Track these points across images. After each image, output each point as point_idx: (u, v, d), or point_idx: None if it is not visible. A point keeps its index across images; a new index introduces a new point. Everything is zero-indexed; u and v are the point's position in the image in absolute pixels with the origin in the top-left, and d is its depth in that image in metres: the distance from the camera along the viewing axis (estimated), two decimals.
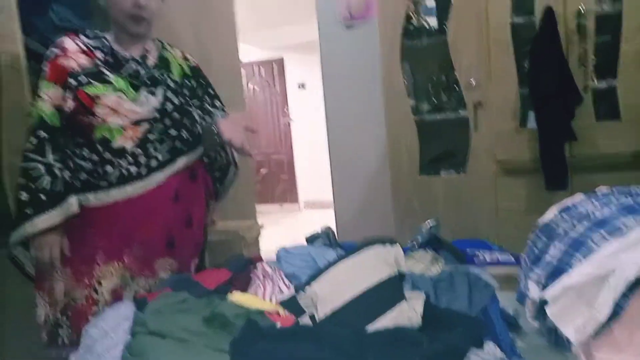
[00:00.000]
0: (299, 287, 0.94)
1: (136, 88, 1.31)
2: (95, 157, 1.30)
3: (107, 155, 1.29)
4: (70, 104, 1.27)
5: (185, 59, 1.49)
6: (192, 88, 1.45)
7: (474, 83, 2.35)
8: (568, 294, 0.87)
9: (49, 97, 1.27)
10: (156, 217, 1.36)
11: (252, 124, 1.39)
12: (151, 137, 1.33)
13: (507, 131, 2.31)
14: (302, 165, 6.27)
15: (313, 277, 0.96)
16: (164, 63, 1.41)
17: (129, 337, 0.98)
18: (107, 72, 1.29)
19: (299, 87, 6.22)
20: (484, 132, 2.37)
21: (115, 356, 0.96)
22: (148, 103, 1.31)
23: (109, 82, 1.28)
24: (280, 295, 1.03)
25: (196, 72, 1.50)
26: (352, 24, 3.09)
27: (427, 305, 0.94)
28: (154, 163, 1.34)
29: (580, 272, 0.88)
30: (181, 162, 1.39)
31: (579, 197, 1.10)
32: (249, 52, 5.67)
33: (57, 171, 1.27)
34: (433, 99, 2.67)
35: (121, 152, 1.30)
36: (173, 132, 1.36)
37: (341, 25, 3.10)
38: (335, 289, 0.93)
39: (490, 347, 0.85)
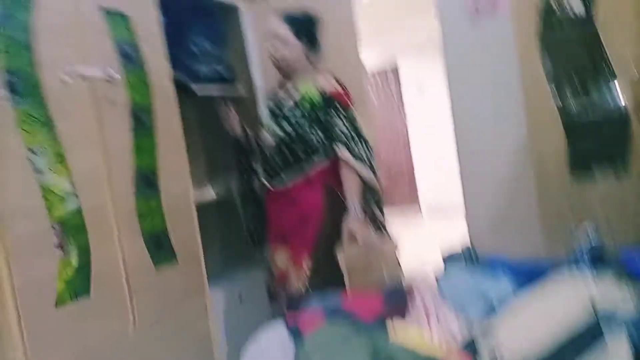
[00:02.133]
0: (474, 327, 0.83)
1: (271, 121, 1.87)
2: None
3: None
4: None
5: (322, 90, 1.81)
6: (315, 114, 1.80)
7: (635, 73, 2.02)
8: None
9: None
10: (276, 213, 1.90)
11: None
12: (273, 155, 1.85)
13: None
14: (423, 170, 6.10)
15: (490, 315, 0.84)
16: (297, 98, 1.84)
17: None
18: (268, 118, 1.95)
19: (417, 90, 6.05)
20: None
21: None
22: (272, 132, 1.84)
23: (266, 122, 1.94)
24: (451, 335, 0.93)
25: (328, 101, 1.81)
26: (478, 19, 2.87)
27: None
28: (273, 174, 1.88)
29: None
30: (294, 174, 1.83)
31: None
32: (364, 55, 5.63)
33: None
34: (581, 92, 2.36)
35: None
36: (286, 152, 1.82)
37: (466, 21, 2.90)
38: (522, 334, 0.80)
39: None
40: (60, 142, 1.39)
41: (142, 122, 1.69)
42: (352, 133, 1.79)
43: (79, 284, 1.41)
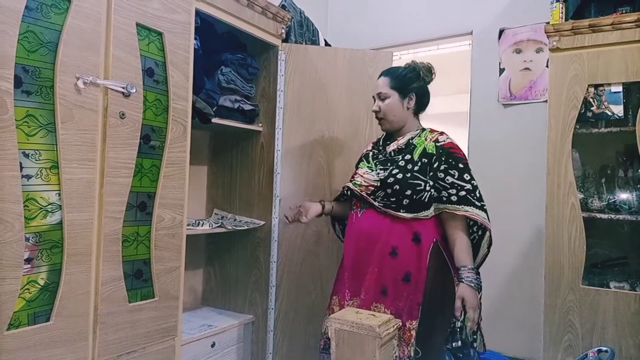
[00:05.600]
0: None
1: (376, 165, 1.82)
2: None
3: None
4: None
5: (437, 141, 1.76)
6: (427, 163, 1.72)
7: None
8: None
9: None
10: (374, 266, 1.70)
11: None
12: (376, 197, 1.74)
13: None
14: None
15: None
16: (408, 148, 1.77)
17: None
18: (367, 158, 1.89)
19: None
20: None
21: None
22: (378, 175, 1.76)
23: (367, 162, 1.87)
24: None
25: (441, 151, 1.73)
26: (510, 103, 2.83)
27: None
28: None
29: None
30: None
31: None
32: None
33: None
34: (607, 195, 2.27)
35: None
36: (392, 198, 1.70)
37: (497, 103, 2.87)
38: None
39: None
40: (57, 149, 1.30)
41: (150, 142, 1.61)
42: (472, 186, 1.69)
43: (41, 306, 1.28)
